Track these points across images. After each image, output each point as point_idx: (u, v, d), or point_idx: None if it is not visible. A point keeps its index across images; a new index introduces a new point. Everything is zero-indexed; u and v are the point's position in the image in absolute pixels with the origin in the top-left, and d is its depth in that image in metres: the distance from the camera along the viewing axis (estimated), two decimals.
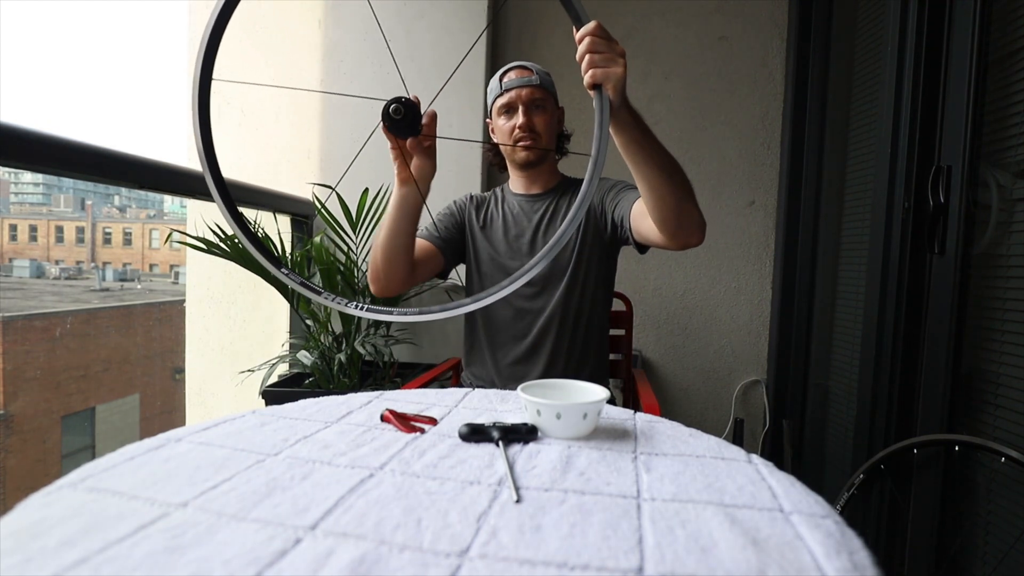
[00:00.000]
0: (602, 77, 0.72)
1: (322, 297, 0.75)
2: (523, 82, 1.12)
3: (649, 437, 0.64)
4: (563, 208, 1.17)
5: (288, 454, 0.55)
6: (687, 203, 0.90)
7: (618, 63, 0.73)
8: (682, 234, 0.93)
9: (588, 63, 0.73)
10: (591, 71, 0.73)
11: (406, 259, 1.03)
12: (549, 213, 1.18)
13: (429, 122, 0.89)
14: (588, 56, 0.73)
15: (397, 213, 0.98)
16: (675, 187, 0.88)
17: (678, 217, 0.90)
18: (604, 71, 0.72)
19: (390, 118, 0.78)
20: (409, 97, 0.80)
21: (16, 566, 0.35)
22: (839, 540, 0.40)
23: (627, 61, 0.74)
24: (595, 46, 0.73)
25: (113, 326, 11.37)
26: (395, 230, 0.99)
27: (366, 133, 2.02)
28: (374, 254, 1.05)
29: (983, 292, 1.13)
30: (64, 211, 40.09)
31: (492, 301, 0.72)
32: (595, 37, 0.73)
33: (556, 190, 1.21)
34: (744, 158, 1.99)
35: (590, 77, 0.73)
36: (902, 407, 1.28)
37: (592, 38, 0.73)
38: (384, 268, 1.03)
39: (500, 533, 0.41)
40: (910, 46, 1.25)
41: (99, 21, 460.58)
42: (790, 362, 1.93)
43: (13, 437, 9.02)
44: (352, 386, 1.64)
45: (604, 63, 0.73)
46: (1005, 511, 1.07)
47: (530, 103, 1.12)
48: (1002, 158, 1.10)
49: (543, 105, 1.13)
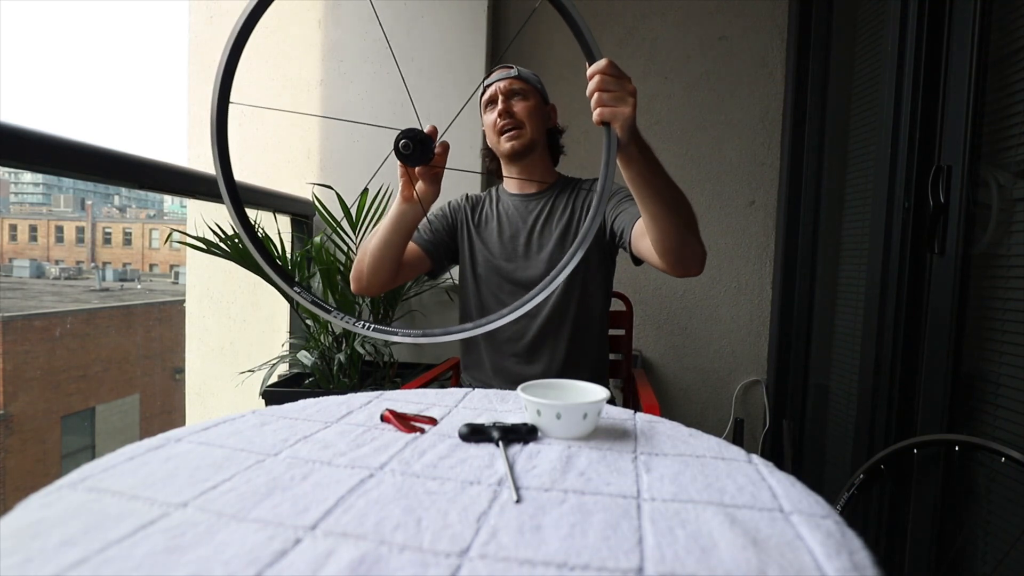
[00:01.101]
0: (610, 116, 0.73)
1: (332, 315, 0.76)
2: (501, 76, 1.14)
3: (649, 437, 0.64)
4: (559, 208, 1.16)
5: (288, 454, 0.55)
6: (690, 236, 0.91)
7: (627, 102, 0.73)
8: (681, 267, 0.93)
9: (597, 101, 0.73)
10: (599, 109, 0.73)
11: (392, 267, 1.06)
12: (545, 213, 1.17)
13: (441, 152, 0.90)
14: (597, 94, 0.73)
15: (393, 226, 1.00)
16: (679, 221, 0.88)
17: (680, 249, 0.91)
18: (612, 110, 0.73)
19: (399, 152, 0.80)
20: (422, 128, 0.81)
21: (16, 566, 0.35)
22: (839, 540, 0.40)
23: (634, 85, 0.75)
24: (605, 84, 0.73)
25: (113, 326, 11.37)
26: (387, 242, 1.02)
27: (366, 133, 2.03)
28: (360, 257, 1.08)
29: (983, 292, 1.13)
30: (64, 211, 40.09)
31: (494, 327, 0.73)
32: (605, 75, 0.73)
33: (551, 189, 1.20)
34: (744, 158, 1.99)
35: (598, 115, 0.74)
36: (902, 407, 1.28)
37: (603, 76, 0.73)
38: (369, 273, 1.06)
39: (500, 533, 0.41)
40: (910, 46, 1.25)
41: (99, 21, 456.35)
42: (790, 362, 1.93)
43: (13, 437, 9.03)
44: (352, 386, 1.64)
45: (613, 102, 0.73)
46: (1005, 511, 1.07)
47: (508, 92, 1.13)
48: (1002, 158, 1.10)
49: (523, 93, 1.14)
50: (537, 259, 1.15)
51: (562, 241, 1.14)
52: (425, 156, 0.81)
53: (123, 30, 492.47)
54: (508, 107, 1.13)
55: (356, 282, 1.10)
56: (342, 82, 2.02)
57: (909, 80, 1.25)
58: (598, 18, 2.01)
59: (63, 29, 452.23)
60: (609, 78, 0.73)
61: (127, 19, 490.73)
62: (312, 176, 2.00)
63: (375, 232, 1.05)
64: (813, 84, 1.85)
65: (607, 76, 0.73)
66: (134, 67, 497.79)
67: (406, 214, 0.98)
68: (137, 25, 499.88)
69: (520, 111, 1.13)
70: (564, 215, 1.15)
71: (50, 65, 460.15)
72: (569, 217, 1.15)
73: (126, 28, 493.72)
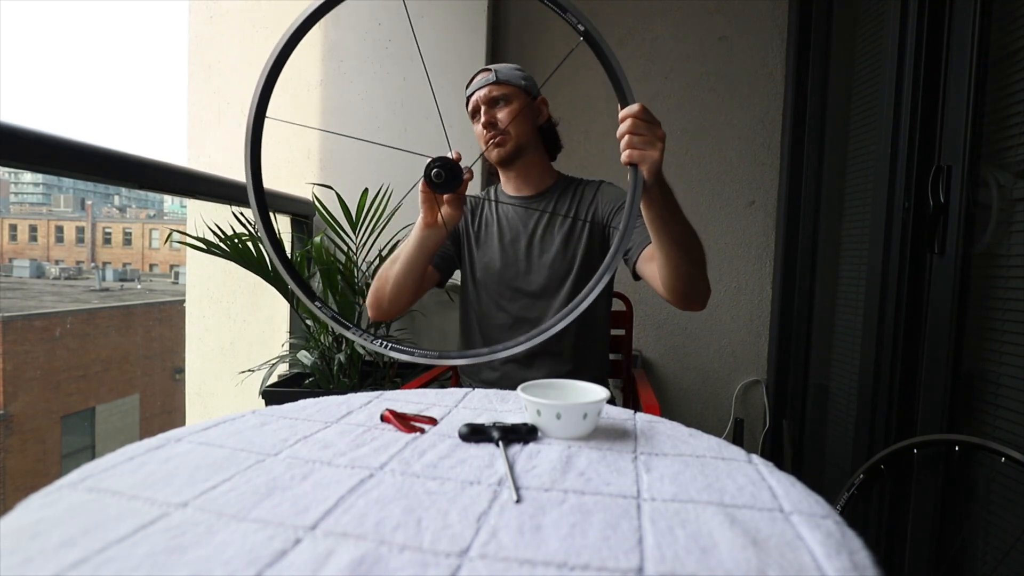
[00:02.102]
0: (639, 158, 0.76)
1: (351, 332, 0.79)
2: (480, 83, 1.12)
3: (649, 437, 0.64)
4: (561, 212, 1.15)
5: (288, 454, 0.55)
6: (699, 276, 0.93)
7: (656, 147, 0.76)
8: (686, 302, 0.96)
9: (627, 143, 0.76)
10: (629, 151, 0.76)
11: (414, 289, 1.06)
12: (546, 218, 1.15)
13: (468, 178, 0.90)
14: (628, 136, 0.76)
15: (416, 251, 1.00)
16: (691, 261, 0.91)
17: (688, 287, 0.93)
18: (641, 153, 0.75)
19: (431, 181, 0.81)
20: (451, 156, 0.82)
21: (16, 566, 0.35)
22: (839, 540, 0.40)
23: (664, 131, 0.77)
24: (636, 128, 0.75)
25: (113, 326, 11.38)
26: (411, 267, 1.02)
27: (366, 133, 2.03)
28: (381, 285, 1.07)
29: (983, 292, 1.13)
30: (64, 211, 40.10)
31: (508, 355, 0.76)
32: (638, 120, 0.75)
33: (552, 191, 1.18)
34: (744, 158, 1.99)
35: (627, 156, 0.76)
36: (902, 407, 1.28)
37: (634, 120, 0.75)
38: (391, 299, 1.06)
39: (500, 533, 0.41)
40: (910, 46, 1.25)
41: (99, 21, 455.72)
42: (790, 362, 1.93)
43: (13, 437, 9.03)
44: (352, 386, 1.64)
45: (642, 145, 0.75)
46: (1005, 511, 1.07)
47: (488, 101, 1.11)
48: (1002, 158, 1.10)
49: (504, 98, 1.11)
50: (539, 264, 1.14)
51: (564, 248, 1.13)
52: (455, 183, 0.82)
53: (123, 30, 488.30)
54: (491, 117, 1.11)
55: (375, 309, 1.09)
56: (342, 82, 2.02)
57: (909, 80, 1.25)
58: (598, 18, 2.01)
59: (63, 29, 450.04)
60: (641, 123, 0.75)
61: (127, 19, 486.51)
62: (312, 176, 2.00)
63: (394, 259, 1.05)
64: (813, 84, 1.85)
65: (639, 120, 0.75)
66: (134, 67, 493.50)
67: (429, 238, 0.98)
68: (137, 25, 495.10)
69: (504, 117, 1.10)
70: (566, 221, 1.14)
71: (50, 65, 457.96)
72: (571, 223, 1.14)
73: (126, 28, 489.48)
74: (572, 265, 1.12)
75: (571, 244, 1.13)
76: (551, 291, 1.13)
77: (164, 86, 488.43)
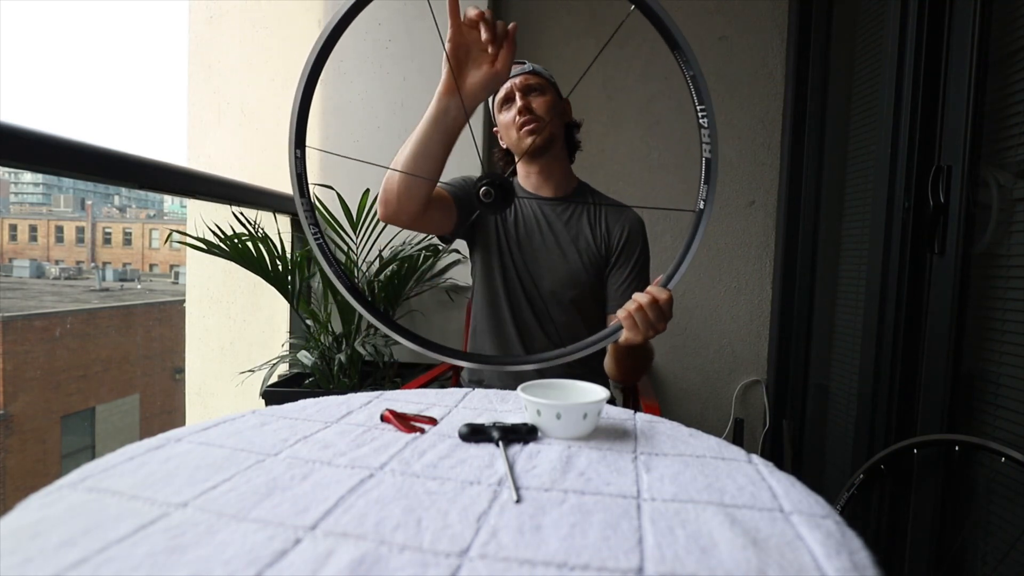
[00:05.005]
0: (629, 327, 0.83)
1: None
2: (517, 71, 1.10)
3: (649, 437, 0.64)
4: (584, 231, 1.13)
5: (288, 454, 0.55)
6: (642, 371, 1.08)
7: (646, 334, 0.83)
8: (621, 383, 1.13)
9: (640, 319, 0.82)
10: (629, 319, 0.82)
11: (426, 190, 0.92)
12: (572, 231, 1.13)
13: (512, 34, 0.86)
14: (639, 312, 0.82)
15: (431, 128, 0.87)
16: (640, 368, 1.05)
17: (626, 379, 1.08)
18: (635, 330, 0.83)
19: (480, 201, 0.77)
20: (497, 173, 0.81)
21: (16, 566, 0.35)
22: (839, 540, 0.40)
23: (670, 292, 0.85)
24: (651, 310, 0.82)
25: (113, 326, 11.37)
26: (425, 148, 0.88)
27: (366, 133, 2.03)
28: (390, 176, 0.93)
29: (983, 292, 1.13)
30: (64, 211, 40.09)
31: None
32: (657, 305, 0.82)
33: (577, 197, 1.17)
34: (744, 158, 1.99)
35: (624, 320, 0.83)
36: (902, 407, 1.28)
37: (654, 304, 0.82)
38: (400, 192, 0.92)
39: (500, 533, 0.41)
40: (910, 46, 1.25)
41: (99, 21, 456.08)
42: (790, 362, 1.93)
43: (13, 437, 9.03)
44: (352, 386, 1.64)
45: (641, 325, 0.82)
46: (1005, 511, 1.07)
47: (525, 88, 1.09)
48: (1002, 158, 1.10)
49: (540, 89, 1.10)
50: (551, 267, 1.13)
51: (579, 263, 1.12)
52: (507, 202, 0.78)
53: (123, 30, 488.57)
54: (527, 103, 1.08)
55: (384, 206, 0.96)
56: (342, 82, 2.02)
57: (909, 80, 1.25)
58: (598, 18, 2.01)
59: (63, 29, 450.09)
60: (658, 310, 0.82)
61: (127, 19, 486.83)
62: (312, 176, 1.99)
63: (407, 142, 0.91)
64: (813, 84, 1.85)
65: (658, 307, 0.82)
66: (134, 67, 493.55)
67: (449, 111, 0.86)
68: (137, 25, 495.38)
69: (539, 106, 1.09)
70: (587, 242, 1.13)
71: (50, 65, 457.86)
72: (587, 245, 1.13)
73: (126, 28, 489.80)
74: (579, 279, 1.12)
75: (582, 259, 1.13)
76: (558, 296, 1.13)
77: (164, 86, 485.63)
